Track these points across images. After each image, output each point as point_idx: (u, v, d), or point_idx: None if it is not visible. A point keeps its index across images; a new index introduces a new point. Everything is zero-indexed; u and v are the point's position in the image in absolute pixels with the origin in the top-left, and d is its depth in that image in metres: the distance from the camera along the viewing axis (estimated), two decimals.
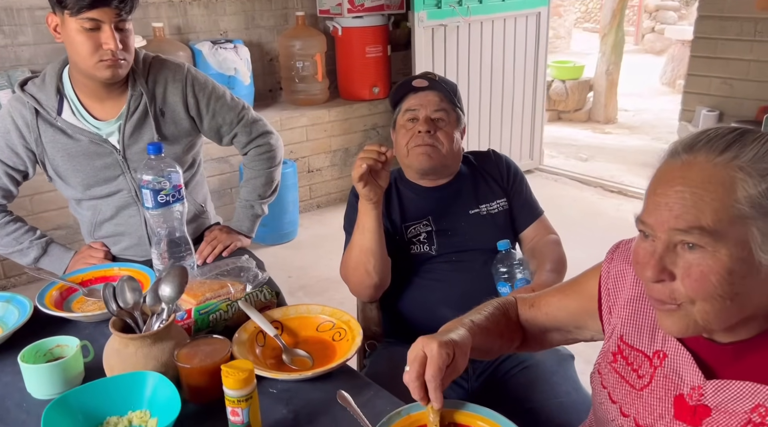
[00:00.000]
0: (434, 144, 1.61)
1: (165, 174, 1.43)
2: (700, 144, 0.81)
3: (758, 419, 0.82)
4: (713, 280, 0.78)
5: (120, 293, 1.12)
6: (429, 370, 0.93)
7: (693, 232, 0.78)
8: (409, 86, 1.67)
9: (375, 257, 1.52)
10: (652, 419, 0.94)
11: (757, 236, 0.77)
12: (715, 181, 0.77)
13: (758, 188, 0.76)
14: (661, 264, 0.81)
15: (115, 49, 1.54)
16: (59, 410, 0.99)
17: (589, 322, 1.10)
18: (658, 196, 0.82)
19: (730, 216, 0.76)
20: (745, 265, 0.78)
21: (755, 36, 3.31)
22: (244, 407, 0.95)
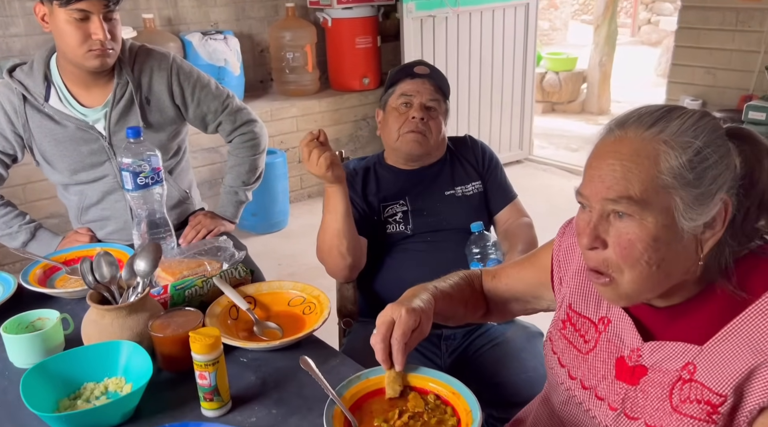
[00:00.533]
0: (425, 132, 1.67)
1: (144, 157, 1.48)
2: (631, 120, 0.87)
3: (687, 376, 0.88)
4: (639, 247, 0.84)
5: (97, 267, 1.18)
6: (395, 332, 0.99)
7: (622, 201, 0.84)
8: (409, 71, 1.73)
9: (347, 238, 1.57)
10: (596, 380, 1.00)
11: (679, 204, 0.83)
12: (642, 154, 0.83)
13: (679, 160, 0.82)
14: (595, 232, 0.87)
15: (104, 39, 1.59)
16: (38, 376, 1.04)
17: (544, 292, 1.17)
18: (592, 169, 0.88)
19: (655, 186, 0.82)
20: (669, 232, 0.84)
21: (737, 26, 3.35)
22: (211, 371, 1.01)
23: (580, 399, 1.02)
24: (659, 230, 0.84)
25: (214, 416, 1.04)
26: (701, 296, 0.90)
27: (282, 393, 1.10)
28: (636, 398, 0.94)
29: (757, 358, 0.82)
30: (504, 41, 4.47)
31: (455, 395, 1.03)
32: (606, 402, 0.98)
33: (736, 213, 0.86)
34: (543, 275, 1.15)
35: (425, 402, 1.03)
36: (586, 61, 6.65)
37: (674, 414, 0.89)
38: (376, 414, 1.01)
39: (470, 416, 0.98)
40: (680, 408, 0.88)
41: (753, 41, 3.31)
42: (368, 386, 1.05)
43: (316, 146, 1.46)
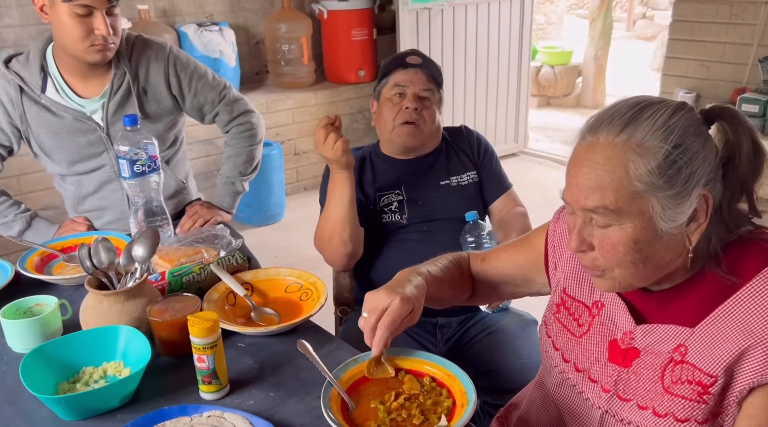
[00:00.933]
0: (419, 123, 1.67)
1: (141, 145, 1.49)
2: (602, 124, 0.87)
3: (678, 357, 0.90)
4: (622, 250, 0.87)
5: (95, 253, 1.19)
6: (385, 319, 0.99)
7: (599, 210, 0.86)
8: (401, 61, 1.72)
9: (350, 226, 1.58)
10: (589, 363, 1.02)
11: (656, 206, 0.84)
12: (614, 163, 0.85)
13: (647, 167, 0.83)
14: (580, 237, 0.90)
15: (107, 35, 1.59)
16: (37, 360, 1.05)
17: (536, 276, 1.18)
18: (570, 177, 0.90)
19: (629, 194, 0.84)
20: (649, 233, 0.86)
21: (730, 19, 3.36)
22: (209, 354, 1.02)
23: (574, 382, 1.04)
24: (639, 233, 0.86)
25: (213, 399, 1.06)
26: (692, 281, 0.92)
27: (279, 377, 1.11)
28: (628, 380, 0.96)
29: (748, 340, 0.84)
30: (500, 34, 4.47)
31: (450, 377, 1.05)
32: (599, 384, 1.00)
33: (721, 200, 0.87)
34: (536, 258, 1.16)
35: (420, 384, 1.04)
36: (581, 56, 6.66)
37: (666, 395, 0.91)
38: (373, 396, 1.02)
39: (465, 397, 0.99)
40: (672, 389, 0.90)
41: (746, 34, 3.32)
42: (364, 370, 1.07)
43: (333, 130, 1.48)
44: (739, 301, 0.87)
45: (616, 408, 0.97)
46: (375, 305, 1.01)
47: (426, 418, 0.97)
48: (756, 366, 0.84)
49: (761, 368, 0.83)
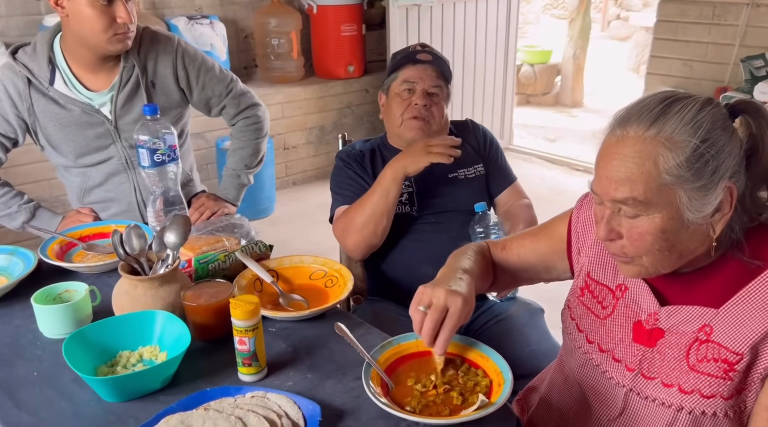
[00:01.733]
0: (427, 118, 1.71)
1: (160, 135, 1.49)
2: (632, 119, 0.91)
3: (704, 337, 0.95)
4: (650, 239, 0.91)
5: (127, 240, 1.20)
6: (449, 323, 1.00)
7: (628, 201, 0.90)
8: (412, 57, 1.75)
9: (387, 220, 1.61)
10: (613, 343, 1.06)
11: (683, 197, 0.89)
12: (643, 156, 0.88)
13: (676, 160, 0.87)
14: (609, 226, 0.94)
15: (130, 22, 1.59)
16: (76, 343, 1.06)
17: (557, 262, 1.22)
18: (600, 169, 0.94)
19: (658, 186, 0.88)
20: (676, 222, 0.90)
21: (713, 19, 3.47)
22: (251, 336, 1.04)
23: (598, 362, 1.08)
24: (666, 223, 0.90)
25: (252, 380, 1.08)
26: (715, 264, 0.97)
27: (315, 359, 1.14)
28: (653, 359, 1.01)
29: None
30: (486, 32, 4.54)
31: (484, 358, 1.09)
32: (623, 363, 1.04)
33: (744, 191, 0.92)
34: (558, 244, 1.20)
35: (457, 367, 1.07)
36: (559, 55, 6.78)
37: (692, 373, 0.96)
38: (410, 377, 1.05)
39: (501, 376, 1.03)
40: (697, 367, 0.95)
41: (728, 34, 3.43)
42: (400, 351, 1.10)
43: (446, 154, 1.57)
44: (763, 282, 0.92)
45: (640, 386, 1.02)
46: (436, 303, 1.01)
47: (465, 398, 1.01)
48: None
49: None
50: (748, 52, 3.32)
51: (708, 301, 0.96)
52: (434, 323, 1.00)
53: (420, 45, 1.81)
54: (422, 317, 1.02)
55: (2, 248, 1.45)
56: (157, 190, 1.55)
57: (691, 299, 0.99)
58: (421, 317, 1.02)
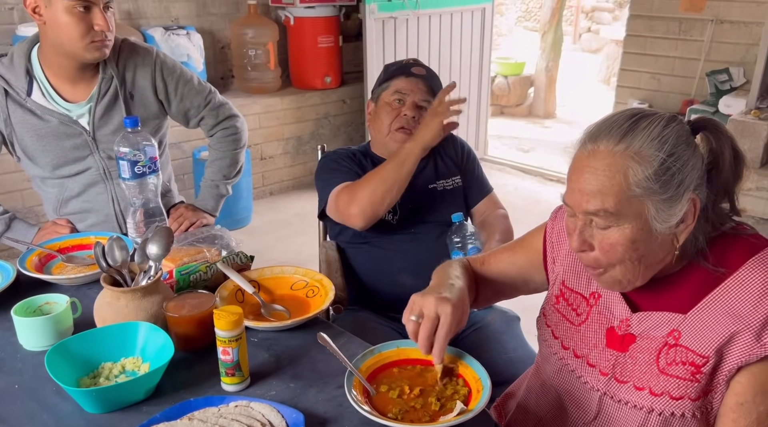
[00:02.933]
0: (414, 130, 1.73)
1: (141, 147, 1.50)
2: (602, 134, 0.96)
3: (672, 341, 1.00)
4: (620, 249, 0.96)
5: (109, 252, 1.20)
6: (441, 332, 1.02)
7: (600, 213, 0.95)
8: (406, 70, 1.78)
9: (398, 191, 1.61)
10: (587, 349, 1.10)
11: (651, 209, 0.93)
12: (613, 169, 0.93)
13: (645, 173, 0.92)
14: (581, 237, 0.99)
15: (107, 30, 1.59)
16: (58, 355, 1.06)
17: (535, 275, 1.26)
18: (572, 181, 0.98)
19: (627, 198, 0.93)
20: (645, 233, 0.95)
21: (679, 35, 3.59)
22: (234, 346, 1.06)
23: (573, 367, 1.12)
24: (636, 233, 0.95)
25: (236, 390, 1.09)
26: (683, 272, 1.02)
27: (297, 369, 1.16)
28: (625, 364, 1.05)
29: (737, 324, 0.94)
30: (462, 44, 4.61)
31: (463, 365, 1.12)
32: (597, 368, 1.08)
33: (706, 203, 0.97)
34: (535, 256, 1.24)
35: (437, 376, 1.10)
36: (532, 67, 6.90)
37: (661, 376, 1.00)
38: (391, 386, 1.08)
39: (480, 383, 1.06)
40: (667, 370, 1.00)
41: (694, 49, 3.55)
42: (382, 359, 1.13)
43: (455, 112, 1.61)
44: (727, 289, 0.97)
45: (614, 390, 1.06)
46: (427, 312, 1.03)
47: (443, 405, 1.04)
48: (744, 348, 0.94)
49: (748, 349, 0.93)
50: (712, 66, 3.44)
51: (676, 307, 1.01)
52: (428, 332, 1.03)
53: (413, 60, 1.85)
54: (415, 326, 1.04)
55: None
56: (137, 201, 1.55)
57: (660, 306, 1.03)
58: (414, 326, 1.04)
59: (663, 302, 1.03)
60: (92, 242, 1.57)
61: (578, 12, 11.03)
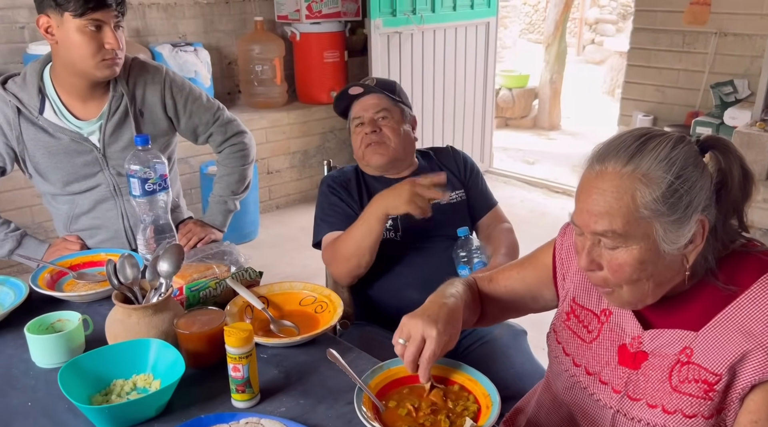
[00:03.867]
0: (381, 140, 1.76)
1: (151, 164, 1.52)
2: (609, 155, 0.96)
3: (685, 359, 1.00)
4: (629, 270, 0.96)
5: (121, 269, 1.22)
6: (426, 353, 1.04)
7: (607, 234, 0.95)
8: (348, 97, 1.82)
9: (370, 255, 1.65)
10: (599, 366, 1.10)
11: (659, 230, 0.94)
12: (621, 191, 0.93)
13: (653, 195, 0.92)
14: (589, 257, 0.99)
15: (117, 48, 1.63)
16: (71, 373, 1.08)
17: (544, 291, 1.26)
18: (580, 202, 0.99)
19: (635, 219, 0.94)
20: (653, 254, 0.95)
21: (683, 47, 3.61)
22: (245, 363, 1.07)
23: (585, 384, 1.12)
24: (644, 254, 0.95)
25: (246, 407, 1.10)
26: (694, 290, 1.02)
27: (306, 385, 1.16)
28: (638, 381, 1.05)
29: (749, 343, 0.94)
30: (466, 58, 4.64)
31: (472, 381, 1.12)
32: (610, 386, 1.08)
33: (715, 222, 0.97)
34: (545, 273, 1.24)
35: (446, 391, 1.11)
36: (537, 79, 6.93)
37: (674, 393, 1.00)
38: (400, 402, 1.08)
39: (489, 400, 1.07)
40: (679, 388, 1.00)
41: (698, 62, 3.57)
42: (391, 376, 1.13)
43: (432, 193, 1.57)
44: (739, 306, 0.97)
45: (627, 407, 1.06)
46: (414, 334, 1.04)
47: (453, 422, 1.04)
48: (757, 366, 0.94)
49: (761, 367, 0.93)
50: (717, 78, 3.45)
51: (688, 324, 1.01)
52: (412, 356, 1.04)
53: (353, 83, 1.85)
54: (402, 349, 1.05)
55: None
56: (147, 218, 1.57)
57: (672, 323, 1.03)
58: (401, 349, 1.06)
59: (675, 320, 1.03)
60: (103, 259, 1.59)
61: (582, 24, 11.09)
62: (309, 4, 4.05)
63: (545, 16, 8.99)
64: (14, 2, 3.36)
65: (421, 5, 4.28)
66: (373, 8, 4.03)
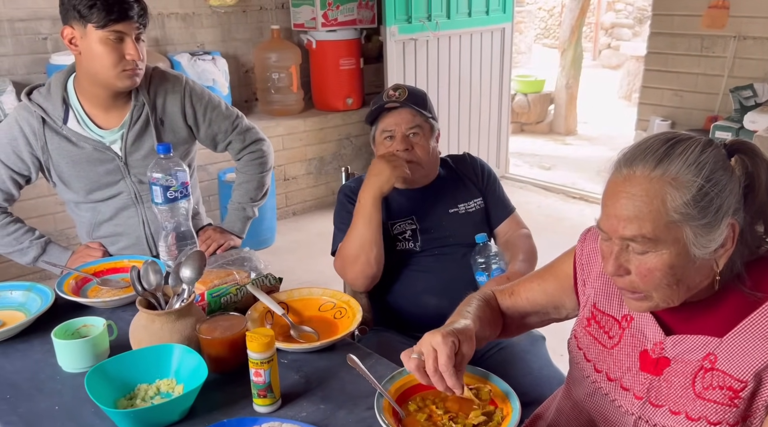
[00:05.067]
0: (412, 159, 1.75)
1: (172, 172, 1.55)
2: (637, 158, 0.94)
3: (709, 365, 0.99)
4: (659, 275, 0.95)
5: (144, 275, 1.24)
6: (439, 359, 1.01)
7: (637, 238, 0.94)
8: (384, 105, 1.79)
9: (377, 247, 1.66)
10: (621, 372, 1.10)
11: (690, 234, 0.93)
12: (651, 195, 0.92)
13: (683, 199, 0.91)
14: (617, 262, 0.98)
15: (137, 59, 1.66)
16: (97, 377, 1.10)
17: (566, 300, 1.25)
18: (608, 207, 0.98)
19: (665, 223, 0.92)
20: (683, 258, 0.94)
21: (702, 51, 3.58)
22: (266, 368, 1.08)
23: (606, 390, 1.12)
24: (674, 259, 0.94)
25: (267, 411, 1.11)
26: (718, 296, 1.01)
27: (326, 390, 1.18)
28: (660, 388, 1.04)
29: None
30: (481, 64, 4.65)
31: (491, 386, 1.12)
32: (631, 392, 1.07)
33: (743, 227, 0.96)
34: (566, 281, 1.23)
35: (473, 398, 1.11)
36: (552, 84, 6.91)
37: (698, 400, 0.99)
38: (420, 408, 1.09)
39: (509, 405, 1.07)
40: (703, 394, 0.98)
41: (717, 66, 3.54)
42: (411, 381, 1.14)
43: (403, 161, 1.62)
44: (765, 313, 0.96)
45: (649, 414, 1.05)
46: (425, 350, 1.02)
47: None
48: None
49: None
50: (736, 82, 3.42)
51: (712, 330, 1.00)
52: (432, 368, 1.01)
53: (393, 88, 1.83)
54: (416, 363, 1.02)
55: (20, 285, 1.49)
56: (169, 225, 1.60)
57: (695, 329, 1.02)
58: (414, 363, 1.02)
59: (697, 325, 1.02)
60: (125, 266, 1.61)
61: (597, 28, 11.05)
62: (325, 12, 4.09)
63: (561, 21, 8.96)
64: (37, 14, 3.43)
65: (436, 12, 4.29)
66: (389, 15, 4.06)
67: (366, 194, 1.65)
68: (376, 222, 1.63)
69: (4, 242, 1.84)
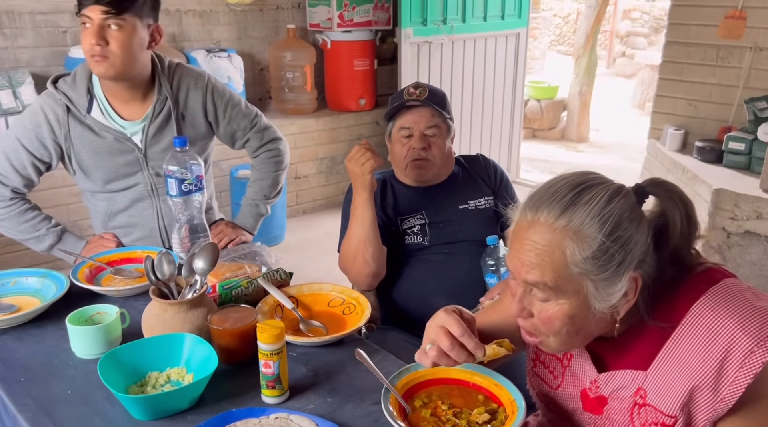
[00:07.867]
0: (428, 158, 1.77)
1: (188, 165, 1.57)
2: (543, 205, 0.92)
3: (640, 400, 0.97)
4: (558, 323, 0.94)
5: (158, 266, 1.26)
6: (453, 331, 1.01)
7: (539, 285, 0.93)
8: (405, 103, 1.81)
9: (372, 246, 1.67)
10: (568, 413, 1.09)
11: (591, 287, 0.91)
12: (552, 245, 0.90)
13: (583, 255, 0.89)
14: (521, 304, 0.97)
15: (91, 44, 1.63)
16: (110, 363, 1.12)
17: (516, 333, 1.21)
18: (513, 248, 0.96)
19: (566, 275, 0.90)
20: (583, 310, 0.93)
21: (717, 62, 3.57)
22: (275, 360, 1.10)
23: None
24: (574, 310, 0.92)
25: (275, 403, 1.13)
26: (636, 327, 0.98)
27: (334, 384, 1.19)
28: (604, 426, 1.03)
29: (692, 379, 0.91)
30: (495, 68, 4.65)
31: (498, 386, 1.13)
32: None
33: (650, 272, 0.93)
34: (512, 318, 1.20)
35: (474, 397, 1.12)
36: (565, 90, 6.90)
37: None
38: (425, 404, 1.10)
39: (515, 405, 1.08)
40: None
41: (732, 76, 3.52)
42: (418, 377, 1.15)
43: (369, 149, 1.61)
44: (676, 341, 0.93)
45: None
46: (434, 332, 1.03)
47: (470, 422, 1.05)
48: (706, 404, 0.91)
49: (711, 405, 0.90)
50: (751, 93, 3.40)
51: (637, 363, 0.98)
52: (449, 343, 1.01)
53: (413, 86, 1.84)
54: (435, 349, 1.02)
55: (35, 271, 1.52)
56: (182, 218, 1.62)
57: (624, 363, 1.00)
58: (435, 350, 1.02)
59: (626, 360, 1.00)
60: (139, 256, 1.64)
61: (612, 36, 11.01)
62: (341, 12, 4.11)
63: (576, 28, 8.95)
64: (57, 7, 3.48)
65: (452, 15, 4.30)
66: (404, 18, 4.08)
67: (355, 195, 1.69)
68: (369, 221, 1.65)
69: (21, 228, 1.87)
